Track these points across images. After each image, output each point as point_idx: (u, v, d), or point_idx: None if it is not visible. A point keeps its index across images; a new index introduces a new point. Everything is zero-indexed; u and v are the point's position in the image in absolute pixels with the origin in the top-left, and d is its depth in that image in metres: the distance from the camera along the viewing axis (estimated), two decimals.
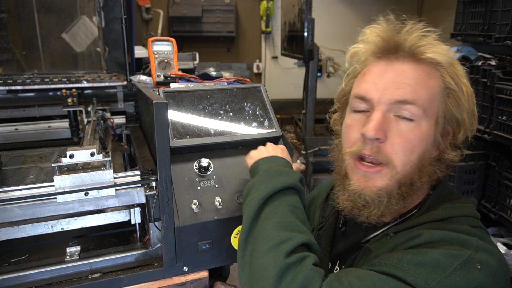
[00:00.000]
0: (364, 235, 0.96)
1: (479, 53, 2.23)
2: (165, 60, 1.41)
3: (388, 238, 0.87)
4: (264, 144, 1.18)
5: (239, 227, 1.06)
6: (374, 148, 0.85)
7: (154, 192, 1.04)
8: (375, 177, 0.86)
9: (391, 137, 0.84)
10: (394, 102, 0.84)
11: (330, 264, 1.04)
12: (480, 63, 2.09)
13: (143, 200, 1.06)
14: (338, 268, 1.02)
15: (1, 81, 1.85)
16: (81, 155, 1.01)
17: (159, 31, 4.87)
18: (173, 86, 1.26)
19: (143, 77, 1.66)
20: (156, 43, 1.43)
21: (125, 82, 1.83)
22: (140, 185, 1.06)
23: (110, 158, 1.04)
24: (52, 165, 0.99)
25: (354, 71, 0.99)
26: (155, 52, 1.41)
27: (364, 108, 0.89)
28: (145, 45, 2.16)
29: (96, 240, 1.19)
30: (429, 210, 0.88)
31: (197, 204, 1.04)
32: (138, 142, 1.56)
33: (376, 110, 0.85)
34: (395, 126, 0.84)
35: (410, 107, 0.83)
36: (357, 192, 0.87)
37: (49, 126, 1.83)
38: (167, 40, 1.45)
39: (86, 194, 1.00)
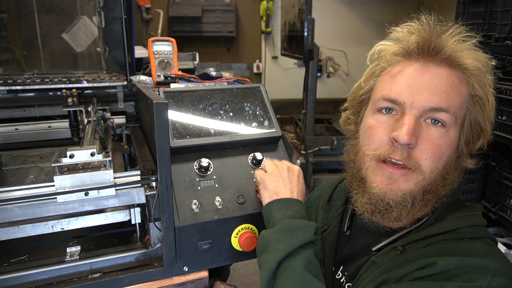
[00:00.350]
0: (371, 242, 0.95)
1: None
2: (165, 60, 1.41)
3: (396, 252, 0.85)
4: (263, 144, 1.18)
5: (239, 227, 1.06)
6: (404, 154, 0.82)
7: (154, 192, 1.04)
8: (400, 180, 0.83)
9: (421, 143, 0.82)
10: (429, 108, 0.82)
11: (333, 268, 1.03)
12: None
13: (143, 200, 1.06)
14: (341, 274, 1.00)
15: (1, 81, 1.85)
16: (81, 155, 1.01)
17: (159, 31, 4.88)
18: (173, 86, 1.26)
19: (143, 77, 1.66)
20: (156, 43, 1.43)
21: (125, 82, 1.83)
22: (140, 185, 1.06)
23: (110, 158, 1.04)
24: (52, 165, 0.99)
25: (375, 70, 0.95)
26: (155, 52, 1.41)
27: (391, 110, 0.87)
28: (145, 45, 2.16)
29: (96, 240, 1.19)
30: (437, 220, 0.87)
31: (197, 204, 1.04)
32: (138, 142, 1.56)
33: (408, 115, 0.82)
34: (426, 132, 0.82)
35: (443, 114, 0.81)
36: (380, 195, 0.84)
37: (49, 126, 1.83)
38: (167, 40, 1.45)
39: (86, 194, 1.00)
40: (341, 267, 1.01)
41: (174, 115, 1.13)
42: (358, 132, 0.96)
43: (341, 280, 1.00)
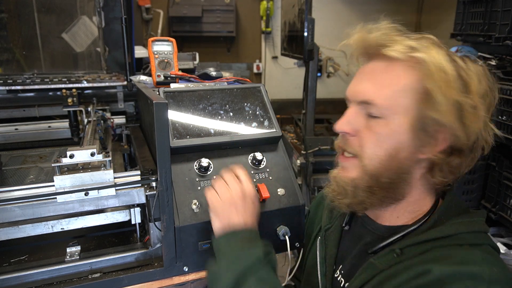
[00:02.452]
0: (369, 240, 0.95)
1: (479, 53, 2.22)
2: (165, 60, 1.41)
3: (394, 256, 0.85)
4: (263, 144, 1.18)
5: None
6: (344, 141, 0.92)
7: (154, 192, 1.04)
8: (348, 167, 0.91)
9: (361, 132, 0.88)
10: (358, 102, 0.89)
11: (334, 266, 1.03)
12: (480, 63, 2.09)
13: (143, 200, 1.06)
14: (338, 273, 1.01)
15: (1, 81, 1.85)
16: (81, 155, 1.01)
17: (159, 31, 4.87)
18: (173, 86, 1.26)
19: (143, 77, 1.66)
20: (156, 43, 1.43)
21: (125, 82, 1.83)
22: (140, 185, 1.06)
23: (110, 158, 1.04)
24: (52, 165, 0.99)
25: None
26: (155, 52, 1.41)
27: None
28: (145, 45, 2.16)
29: (96, 240, 1.19)
30: (436, 224, 0.87)
31: (197, 204, 1.04)
32: (138, 142, 1.56)
33: (349, 107, 0.92)
34: (366, 123, 0.88)
35: (370, 106, 0.86)
36: (336, 179, 0.94)
37: (49, 126, 1.83)
38: (167, 40, 1.45)
39: (86, 194, 1.00)
40: (340, 266, 1.02)
41: (174, 115, 1.13)
42: None
43: (338, 279, 1.00)
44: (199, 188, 1.08)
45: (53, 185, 0.98)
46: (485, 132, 0.86)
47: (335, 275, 1.02)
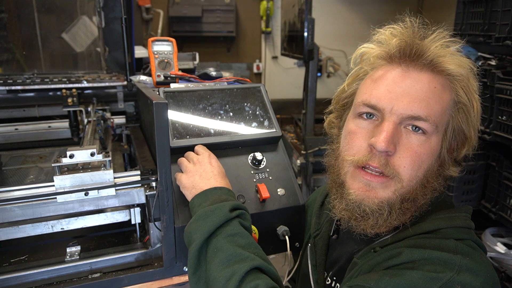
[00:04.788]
0: (356, 248, 0.94)
1: (479, 53, 2.23)
2: (165, 60, 1.41)
3: (373, 252, 0.84)
4: (263, 144, 1.18)
5: None
6: (382, 160, 0.80)
7: (154, 192, 1.04)
8: (378, 187, 0.82)
9: (400, 150, 0.80)
10: (407, 116, 0.80)
11: (325, 273, 1.02)
12: (480, 63, 2.09)
13: (143, 200, 1.06)
14: (330, 280, 1.00)
15: (1, 81, 1.85)
16: (81, 155, 1.01)
17: (159, 31, 4.88)
18: (173, 86, 1.26)
19: (143, 77, 1.66)
20: (156, 43, 1.43)
21: (125, 82, 1.83)
22: (140, 185, 1.06)
23: (110, 158, 1.04)
24: (52, 165, 0.99)
25: (359, 73, 0.93)
26: (155, 52, 1.41)
27: (372, 115, 0.85)
28: (145, 45, 2.16)
29: (96, 240, 1.19)
30: (417, 221, 0.85)
31: None
32: (138, 142, 1.56)
33: (387, 121, 0.81)
34: (406, 139, 0.81)
35: (422, 123, 0.80)
36: (356, 202, 0.83)
37: (49, 126, 1.83)
38: (167, 40, 1.45)
39: (86, 194, 1.00)
40: (331, 272, 1.01)
41: (174, 115, 1.13)
42: (339, 136, 0.95)
43: (332, 285, 0.99)
44: None
45: (53, 185, 0.98)
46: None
47: (327, 282, 1.01)
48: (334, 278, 0.99)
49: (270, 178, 1.13)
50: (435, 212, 0.85)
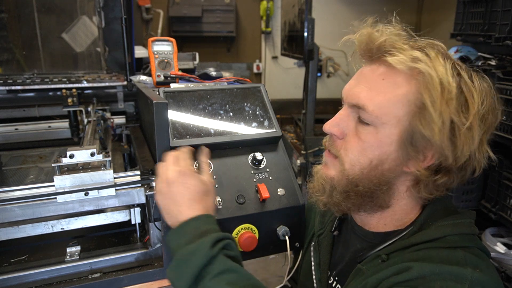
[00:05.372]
0: (359, 247, 0.94)
1: (479, 53, 2.23)
2: (165, 60, 1.41)
3: (379, 261, 0.84)
4: (263, 144, 1.18)
5: (239, 227, 1.06)
6: (331, 142, 0.90)
7: (154, 192, 1.04)
8: (329, 165, 0.91)
9: (348, 135, 0.87)
10: (351, 105, 0.86)
11: (329, 272, 1.03)
12: (480, 63, 2.09)
13: (143, 200, 1.06)
14: (332, 279, 1.00)
15: (1, 81, 1.85)
16: (81, 155, 1.01)
17: (159, 31, 4.88)
18: (173, 86, 1.26)
19: (143, 77, 1.66)
20: (156, 43, 1.43)
21: (125, 82, 1.83)
22: (140, 185, 1.06)
23: (110, 158, 1.04)
24: (52, 165, 0.99)
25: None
26: (155, 52, 1.41)
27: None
28: (145, 45, 2.16)
29: (96, 240, 1.19)
30: (422, 228, 0.84)
31: None
32: (138, 142, 1.56)
33: (341, 108, 0.90)
34: (354, 128, 0.86)
35: (362, 112, 0.83)
36: (317, 173, 0.94)
37: (49, 126, 1.83)
38: (167, 40, 1.45)
39: (86, 194, 1.00)
40: (334, 271, 1.01)
41: (174, 115, 1.13)
42: None
43: (333, 285, 1.00)
44: None
45: (53, 185, 0.98)
46: (479, 154, 0.81)
47: (330, 281, 1.01)
48: (336, 278, 0.99)
49: (270, 178, 1.13)
50: (440, 218, 0.85)
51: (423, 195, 0.85)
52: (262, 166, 1.15)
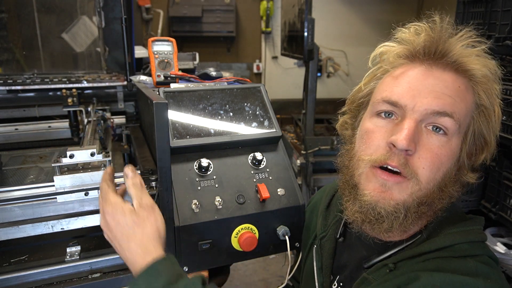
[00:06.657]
0: (365, 254, 0.92)
1: None
2: (165, 60, 1.41)
3: (387, 270, 0.81)
4: (263, 144, 1.18)
5: (239, 227, 1.06)
6: (401, 160, 0.76)
7: (154, 192, 1.04)
8: (394, 188, 0.78)
9: (419, 150, 0.77)
10: (432, 112, 0.77)
11: (331, 277, 1.01)
12: None
13: None
14: (336, 284, 0.98)
15: (1, 81, 1.85)
16: (81, 155, 1.01)
17: (159, 31, 4.88)
18: (173, 86, 1.26)
19: (143, 77, 1.66)
20: (156, 43, 1.43)
21: (125, 82, 1.84)
22: None
23: (110, 158, 1.04)
24: (52, 165, 0.99)
25: (377, 72, 0.91)
26: (155, 52, 1.41)
27: (390, 114, 0.82)
28: (145, 45, 2.16)
29: (96, 240, 1.19)
30: (431, 236, 0.82)
31: (197, 204, 1.04)
32: (138, 142, 1.56)
33: (408, 119, 0.77)
34: (426, 139, 0.77)
35: (447, 120, 0.76)
36: (371, 203, 0.79)
37: (49, 126, 1.83)
38: (167, 40, 1.45)
39: (86, 194, 1.00)
40: (338, 276, 0.99)
41: (174, 115, 1.13)
42: (354, 137, 0.92)
43: None
44: (199, 188, 1.08)
45: (53, 185, 0.98)
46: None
47: (334, 286, 0.99)
48: (341, 284, 0.97)
49: (270, 178, 1.13)
50: (448, 225, 0.83)
51: (454, 194, 0.83)
52: (262, 166, 1.15)
